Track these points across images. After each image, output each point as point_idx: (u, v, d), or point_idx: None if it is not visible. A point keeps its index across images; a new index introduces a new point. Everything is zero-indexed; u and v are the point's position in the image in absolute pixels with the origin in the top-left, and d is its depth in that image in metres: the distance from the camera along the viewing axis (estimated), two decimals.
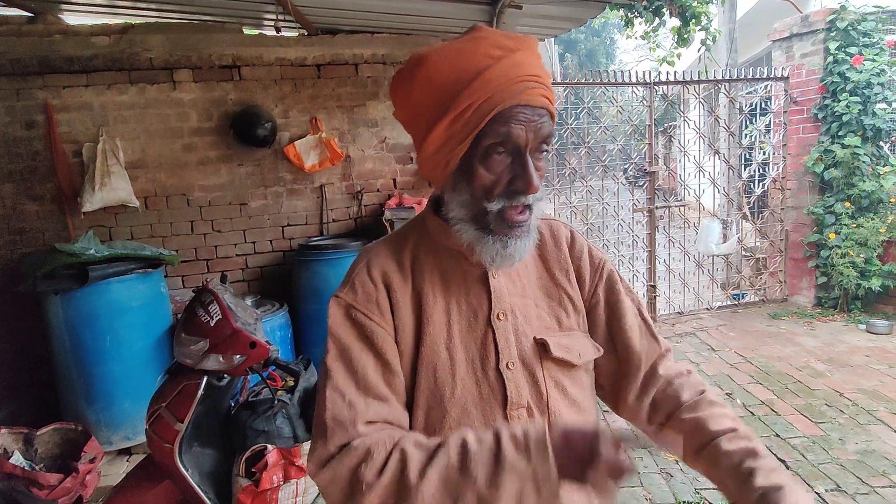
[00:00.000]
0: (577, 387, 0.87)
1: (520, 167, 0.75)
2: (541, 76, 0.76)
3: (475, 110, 0.73)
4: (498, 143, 0.74)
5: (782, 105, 5.24)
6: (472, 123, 0.73)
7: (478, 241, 0.78)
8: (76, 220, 3.41)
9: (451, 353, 0.82)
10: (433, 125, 0.75)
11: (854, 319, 4.70)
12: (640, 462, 2.78)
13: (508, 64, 0.74)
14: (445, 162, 0.78)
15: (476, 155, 0.75)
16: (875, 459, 2.65)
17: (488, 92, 0.73)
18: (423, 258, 0.86)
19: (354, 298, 0.82)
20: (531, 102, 0.74)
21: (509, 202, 0.76)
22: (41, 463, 2.62)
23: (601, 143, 4.91)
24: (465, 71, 0.73)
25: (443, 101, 0.74)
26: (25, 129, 3.33)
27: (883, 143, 4.87)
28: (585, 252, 0.93)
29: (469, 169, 0.77)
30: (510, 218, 0.77)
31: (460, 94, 0.73)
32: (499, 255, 0.78)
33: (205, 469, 1.91)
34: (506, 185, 0.76)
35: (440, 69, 0.75)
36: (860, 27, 4.73)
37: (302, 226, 3.83)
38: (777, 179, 5.39)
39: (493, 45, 0.75)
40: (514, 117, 0.73)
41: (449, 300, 0.84)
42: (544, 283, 0.90)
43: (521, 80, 0.74)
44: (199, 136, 3.58)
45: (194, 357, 1.80)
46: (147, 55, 3.40)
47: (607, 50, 27.84)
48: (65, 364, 2.93)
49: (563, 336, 0.87)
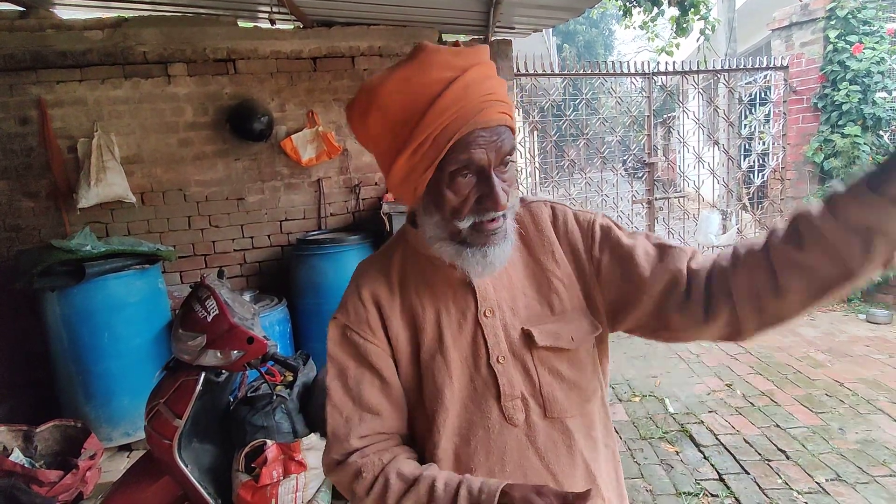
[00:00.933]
0: (575, 368, 0.87)
1: (486, 187, 0.76)
2: (494, 92, 0.76)
3: (433, 142, 0.73)
4: (461, 168, 0.75)
5: (782, 95, 5.21)
6: (432, 155, 0.74)
7: (457, 257, 0.80)
8: (72, 217, 3.39)
9: (446, 357, 0.85)
10: (394, 159, 0.76)
11: (854, 309, 4.70)
12: (640, 453, 2.78)
13: (460, 87, 0.73)
14: (413, 189, 0.79)
15: (441, 180, 0.76)
16: (875, 449, 2.66)
17: (443, 122, 0.72)
18: (410, 271, 0.90)
19: (348, 318, 0.88)
20: (488, 124, 0.74)
21: (479, 218, 0.78)
22: (41, 460, 2.62)
23: (600, 134, 4.89)
24: (417, 102, 0.73)
25: (400, 136, 0.75)
26: (19, 125, 3.30)
27: (883, 133, 4.84)
28: (571, 221, 0.91)
29: (437, 193, 0.77)
30: (484, 228, 0.78)
31: (416, 128, 0.73)
32: (480, 265, 0.79)
33: (204, 465, 1.91)
34: (474, 204, 0.77)
35: (392, 103, 0.74)
36: (860, 15, 4.69)
37: (300, 220, 3.82)
38: (777, 170, 5.37)
39: (442, 68, 0.73)
40: (474, 142, 0.73)
41: (438, 307, 0.87)
42: (531, 270, 0.90)
43: (474, 102, 0.73)
44: (195, 130, 3.56)
45: (192, 353, 1.80)
46: (141, 49, 3.37)
47: (606, 41, 27.70)
48: (63, 361, 2.92)
49: (554, 322, 0.86)
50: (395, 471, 0.81)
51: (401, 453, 0.85)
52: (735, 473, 2.56)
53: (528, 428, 0.84)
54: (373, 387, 0.86)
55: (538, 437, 0.84)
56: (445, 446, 0.85)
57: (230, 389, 2.10)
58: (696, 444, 2.84)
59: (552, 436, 0.85)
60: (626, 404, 3.33)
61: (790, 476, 2.50)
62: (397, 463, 0.83)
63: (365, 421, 0.85)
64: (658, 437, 2.93)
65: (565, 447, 0.85)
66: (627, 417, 3.17)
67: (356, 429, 0.85)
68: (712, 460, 2.68)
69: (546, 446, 0.84)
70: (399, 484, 0.80)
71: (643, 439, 2.92)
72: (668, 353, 4.09)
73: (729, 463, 2.64)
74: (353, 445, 0.84)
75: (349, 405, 0.86)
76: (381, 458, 0.83)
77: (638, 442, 2.90)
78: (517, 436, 0.84)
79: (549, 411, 0.85)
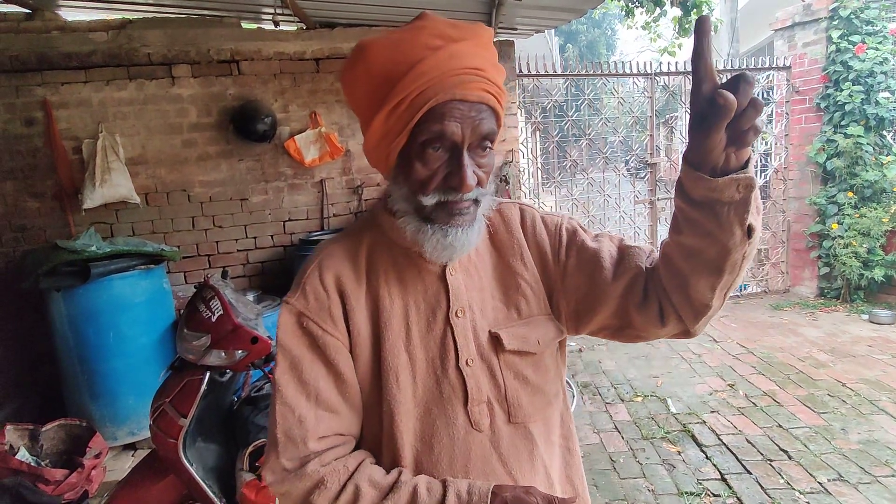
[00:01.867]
0: (540, 373, 0.85)
1: (455, 164, 0.73)
2: (483, 69, 0.73)
3: (408, 105, 0.71)
4: (433, 138, 0.72)
5: (784, 95, 5.21)
6: (406, 118, 0.71)
7: (419, 233, 0.76)
8: (77, 217, 3.41)
9: (412, 356, 0.80)
10: (372, 117, 0.74)
11: (857, 310, 4.69)
12: (642, 453, 2.79)
13: (445, 55, 0.71)
14: (386, 155, 0.76)
15: (413, 149, 0.73)
16: (878, 449, 2.66)
17: (421, 86, 0.70)
18: (378, 258, 0.84)
19: (306, 306, 0.79)
20: (467, 97, 0.71)
21: (444, 197, 0.74)
22: (47, 459, 2.64)
23: (602, 134, 4.89)
24: (400, 63, 0.71)
25: (379, 94, 0.72)
26: (25, 126, 3.32)
27: (886, 133, 4.84)
28: (539, 224, 0.90)
29: (407, 163, 0.75)
30: (450, 207, 0.75)
31: (394, 88, 0.71)
32: (440, 245, 0.76)
33: (208, 464, 1.92)
34: (441, 180, 0.74)
35: (378, 60, 0.72)
36: (863, 15, 4.69)
37: (303, 220, 3.83)
38: (779, 170, 5.37)
39: (433, 35, 0.72)
40: (449, 113, 0.71)
41: (407, 300, 0.82)
42: (500, 272, 0.88)
43: (457, 73, 0.71)
44: (199, 131, 3.58)
45: (196, 352, 1.81)
46: (145, 50, 3.39)
47: (608, 41, 27.69)
48: (68, 360, 2.94)
49: (521, 326, 0.84)
50: (365, 477, 0.74)
51: (366, 458, 0.78)
52: (737, 473, 2.56)
53: (492, 434, 0.81)
54: (329, 383, 0.78)
55: (502, 442, 0.81)
56: (406, 453, 0.79)
57: (234, 389, 2.12)
58: (699, 443, 2.84)
59: (515, 441, 0.82)
60: (629, 404, 3.34)
61: (792, 476, 2.50)
62: (366, 469, 0.75)
63: (322, 420, 0.76)
64: (660, 436, 2.94)
65: (527, 452, 0.83)
66: (629, 417, 3.17)
67: (314, 429, 0.75)
68: (714, 460, 2.68)
69: (509, 452, 0.81)
70: (373, 492, 0.72)
71: (645, 439, 2.92)
72: (670, 353, 4.09)
73: (731, 463, 2.65)
74: (311, 448, 0.74)
75: (304, 402, 0.76)
76: (346, 465, 0.74)
77: (640, 442, 2.90)
78: (481, 441, 0.80)
79: (513, 416, 0.82)
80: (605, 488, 2.52)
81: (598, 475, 2.62)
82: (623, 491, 2.49)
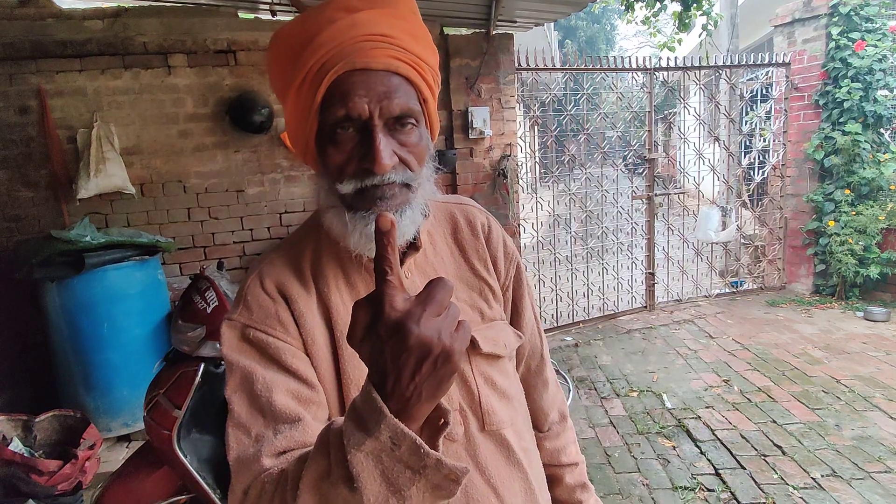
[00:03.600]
0: (504, 377, 0.82)
1: (367, 143, 0.65)
2: (393, 36, 0.66)
3: (310, 82, 0.65)
4: (338, 116, 0.65)
5: (783, 91, 5.20)
6: (310, 95, 0.66)
7: (343, 227, 0.69)
8: (71, 207, 3.38)
9: None
10: (285, 102, 0.70)
11: (852, 307, 4.71)
12: (637, 448, 2.80)
13: (346, 24, 0.65)
14: (305, 143, 0.71)
15: (324, 132, 0.68)
16: (871, 445, 2.67)
17: (321, 58, 0.65)
18: (325, 263, 0.75)
19: (250, 317, 0.70)
20: (370, 65, 0.64)
21: (360, 183, 0.67)
22: (40, 450, 2.63)
23: (600, 130, 4.87)
24: (302, 37, 0.66)
25: (286, 73, 0.68)
26: (19, 115, 3.29)
27: (884, 130, 4.85)
28: (501, 243, 0.87)
29: (321, 149, 0.69)
30: (371, 194, 0.67)
31: (296, 63, 0.66)
32: (363, 236, 0.68)
33: (203, 455, 1.91)
34: (357, 163, 0.67)
35: (285, 38, 0.69)
36: (863, 12, 4.68)
37: (299, 213, 3.81)
38: (777, 167, 5.37)
39: (338, 8, 0.67)
40: (352, 86, 0.64)
41: None
42: (463, 273, 0.83)
43: (356, 40, 0.65)
44: (195, 122, 3.55)
45: (191, 344, 1.80)
46: (141, 39, 3.35)
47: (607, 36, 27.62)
48: (63, 351, 2.92)
49: (487, 328, 0.81)
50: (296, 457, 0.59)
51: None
52: (731, 468, 2.58)
53: (467, 442, 0.76)
54: (288, 392, 0.67)
55: (478, 451, 0.76)
56: None
57: None
58: (693, 439, 2.85)
59: (490, 449, 0.77)
60: (624, 399, 3.35)
61: (786, 471, 2.52)
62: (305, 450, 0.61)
63: (281, 433, 0.64)
64: (655, 431, 2.95)
65: (504, 458, 0.78)
66: (625, 412, 3.18)
67: (269, 445, 0.63)
68: (709, 455, 2.69)
69: (487, 461, 0.76)
70: (295, 468, 0.57)
71: (640, 434, 2.93)
72: (666, 348, 4.10)
73: (725, 458, 2.66)
74: (266, 466, 0.61)
75: (259, 420, 0.65)
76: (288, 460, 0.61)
77: (635, 437, 2.91)
78: (457, 452, 0.75)
79: (486, 424, 0.77)
80: (600, 482, 2.53)
81: (594, 469, 2.63)
82: (618, 485, 2.50)
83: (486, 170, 4.07)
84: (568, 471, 0.97)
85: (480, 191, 4.08)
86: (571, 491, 0.98)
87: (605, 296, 4.93)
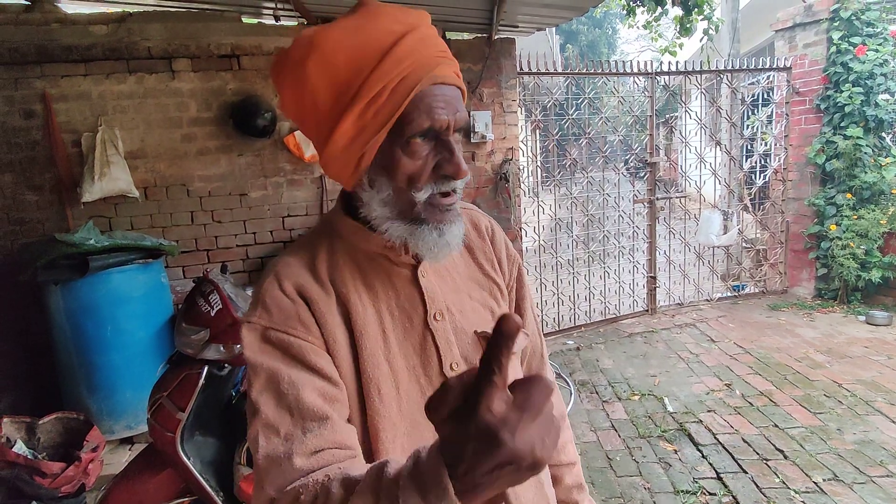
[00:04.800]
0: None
1: (446, 151, 0.69)
2: (448, 52, 0.71)
3: (390, 94, 0.65)
4: (424, 128, 0.67)
5: (784, 96, 5.21)
6: (388, 109, 0.66)
7: (411, 236, 0.71)
8: (75, 211, 3.40)
9: (392, 365, 0.74)
10: (340, 117, 0.67)
11: (853, 311, 4.71)
12: (638, 451, 2.80)
13: (416, 39, 0.67)
14: (359, 157, 0.70)
15: (396, 143, 0.68)
16: (873, 449, 2.67)
17: (402, 72, 0.65)
18: (341, 265, 0.76)
19: (270, 319, 0.71)
20: (447, 80, 0.69)
21: (437, 188, 0.70)
22: (44, 452, 2.64)
23: (602, 133, 4.88)
24: (368, 50, 0.65)
25: (348, 88, 0.66)
26: (24, 119, 3.31)
27: (885, 135, 4.85)
28: (504, 245, 0.91)
29: (389, 160, 0.69)
30: (439, 203, 0.71)
31: (369, 78, 0.65)
32: (436, 245, 0.71)
33: (206, 457, 1.92)
34: (432, 171, 0.69)
35: (337, 51, 0.66)
36: (864, 17, 4.69)
37: (302, 216, 3.83)
38: (778, 170, 5.37)
39: (392, 21, 0.67)
40: (434, 97, 0.67)
41: (378, 307, 0.76)
42: (473, 273, 0.86)
43: (434, 54, 0.68)
44: (199, 125, 3.57)
45: (195, 347, 1.81)
46: (145, 44, 3.37)
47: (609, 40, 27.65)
48: (66, 354, 2.93)
49: None
50: (339, 479, 0.59)
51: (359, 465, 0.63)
52: (733, 472, 2.58)
53: None
54: (315, 390, 0.67)
55: None
56: None
57: (232, 383, 2.12)
58: (695, 442, 2.85)
59: None
60: (626, 403, 3.35)
61: (788, 476, 2.51)
62: (346, 470, 0.60)
63: (311, 431, 0.64)
64: (657, 435, 2.95)
65: None
66: (626, 416, 3.18)
67: (300, 444, 0.63)
68: (710, 459, 2.69)
69: None
70: (340, 492, 0.57)
71: (642, 437, 2.93)
72: (668, 352, 4.10)
73: (727, 462, 2.66)
74: (298, 466, 0.62)
75: (287, 419, 0.65)
76: (327, 474, 0.61)
77: (637, 440, 2.91)
78: None
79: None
80: (602, 486, 2.53)
81: (595, 473, 2.63)
82: (619, 489, 2.50)
83: (487, 174, 4.08)
84: (566, 470, 0.99)
85: (482, 195, 4.09)
86: (569, 491, 0.99)
87: (607, 299, 4.94)
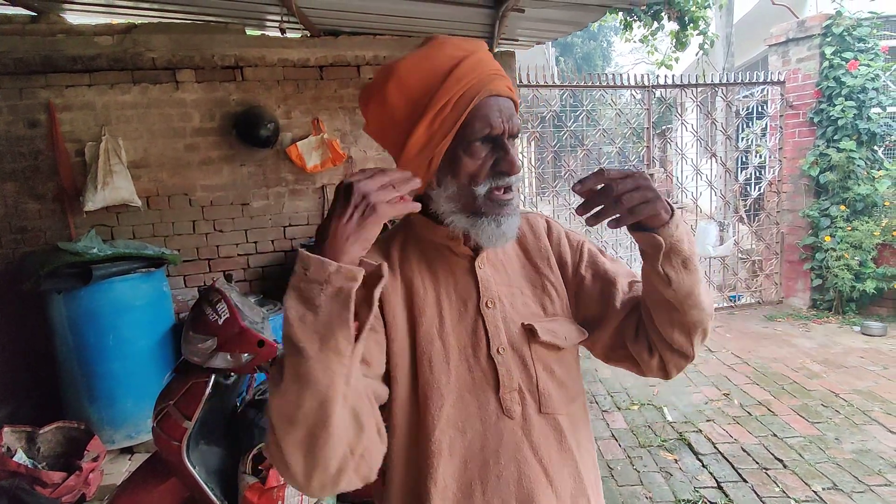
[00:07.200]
0: (564, 368, 0.90)
1: (501, 151, 0.81)
2: (501, 70, 0.84)
3: (453, 105, 0.78)
4: (484, 133, 0.80)
5: (778, 109, 5.29)
6: (452, 118, 0.78)
7: (472, 226, 0.82)
8: (78, 220, 3.41)
9: (445, 343, 0.84)
10: (413, 127, 0.79)
11: (849, 321, 4.75)
12: (639, 461, 2.81)
13: (474, 60, 0.80)
14: (429, 161, 0.81)
15: (459, 146, 0.80)
16: (871, 459, 2.69)
17: (462, 87, 0.78)
18: (411, 252, 0.89)
19: None
20: (501, 93, 0.81)
21: (495, 183, 0.81)
22: (44, 461, 2.63)
23: (599, 145, 4.95)
24: (435, 72, 0.79)
25: (419, 103, 0.79)
26: (28, 128, 3.33)
27: (877, 147, 4.93)
28: (563, 237, 0.98)
29: (453, 161, 0.81)
30: (498, 198, 0.81)
31: (436, 94, 0.78)
32: (494, 235, 0.82)
33: (212, 466, 1.92)
34: (490, 168, 0.81)
35: (410, 74, 0.79)
36: (855, 32, 4.79)
37: (304, 226, 3.85)
38: (773, 182, 5.44)
39: (455, 48, 0.81)
40: (490, 107, 0.80)
41: (438, 291, 0.87)
42: (527, 272, 0.94)
43: (489, 73, 0.81)
44: (202, 136, 3.59)
45: (202, 355, 1.82)
46: (150, 55, 3.41)
47: (604, 53, 27.92)
48: (67, 362, 2.93)
49: (549, 321, 0.90)
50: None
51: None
52: (733, 481, 2.59)
53: (524, 421, 0.84)
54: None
55: (533, 431, 0.84)
56: (439, 437, 0.80)
57: (238, 392, 2.13)
58: (695, 452, 2.87)
59: (545, 431, 0.85)
60: (625, 412, 3.36)
61: (787, 484, 2.53)
62: None
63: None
64: (657, 444, 2.96)
65: (557, 443, 0.86)
66: (626, 425, 3.20)
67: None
68: (711, 468, 2.71)
69: (540, 441, 0.84)
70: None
71: (642, 447, 2.95)
72: None
73: (727, 471, 2.68)
74: None
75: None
76: None
77: (637, 450, 2.92)
78: (513, 429, 0.83)
79: (543, 406, 0.85)
80: (604, 496, 2.53)
81: None
82: (621, 498, 2.51)
83: None
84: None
85: None
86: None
87: None
